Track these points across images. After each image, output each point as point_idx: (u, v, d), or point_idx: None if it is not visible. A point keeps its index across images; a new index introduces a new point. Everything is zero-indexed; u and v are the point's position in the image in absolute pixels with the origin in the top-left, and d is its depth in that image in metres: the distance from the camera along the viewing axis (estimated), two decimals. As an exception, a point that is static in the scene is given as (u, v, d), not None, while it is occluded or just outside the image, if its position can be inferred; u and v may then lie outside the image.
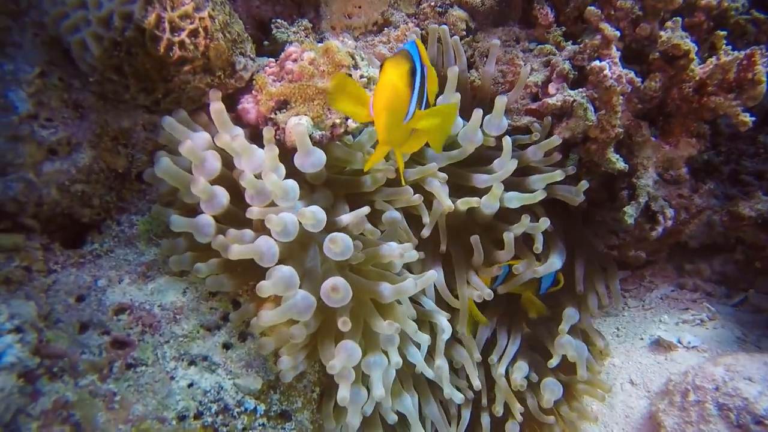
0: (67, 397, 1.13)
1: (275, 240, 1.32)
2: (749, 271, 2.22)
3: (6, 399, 0.99)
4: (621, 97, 1.71)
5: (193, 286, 1.44)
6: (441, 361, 1.58)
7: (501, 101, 1.70)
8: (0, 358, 0.98)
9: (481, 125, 1.69)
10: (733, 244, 2.27)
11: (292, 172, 1.49)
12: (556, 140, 1.74)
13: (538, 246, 1.75)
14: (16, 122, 1.28)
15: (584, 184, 1.77)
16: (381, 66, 1.04)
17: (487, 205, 1.67)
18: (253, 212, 1.36)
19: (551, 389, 1.74)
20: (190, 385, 1.32)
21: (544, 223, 1.73)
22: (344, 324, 1.31)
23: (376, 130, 1.09)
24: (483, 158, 1.81)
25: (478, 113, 1.63)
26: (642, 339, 2.06)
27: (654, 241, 2.21)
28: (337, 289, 1.28)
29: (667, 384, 1.73)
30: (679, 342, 1.94)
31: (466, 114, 1.73)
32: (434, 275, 1.48)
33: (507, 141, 1.69)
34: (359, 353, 1.34)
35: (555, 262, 1.80)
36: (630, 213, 1.86)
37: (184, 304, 1.40)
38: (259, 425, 1.36)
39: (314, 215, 1.33)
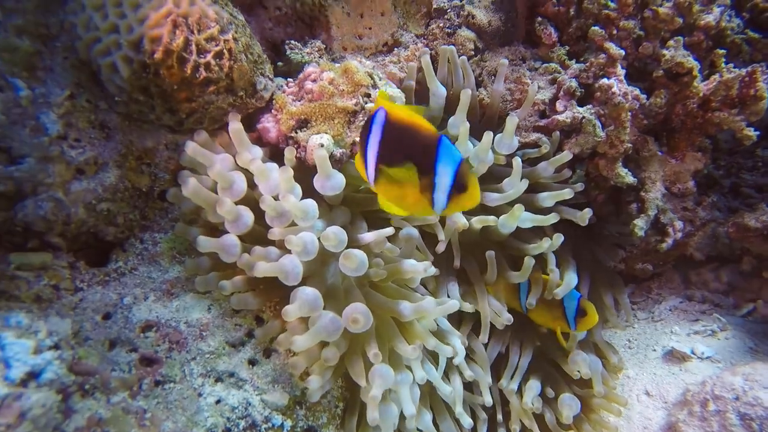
0: (100, 414, 1.13)
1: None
2: (755, 282, 2.25)
3: (47, 414, 0.99)
4: (629, 113, 1.77)
5: (217, 303, 1.45)
6: (456, 383, 1.60)
7: (512, 121, 1.72)
8: (41, 374, 0.99)
9: (492, 144, 1.73)
10: (738, 255, 2.31)
11: (311, 189, 1.52)
12: (566, 155, 1.79)
13: (552, 267, 1.78)
14: (46, 143, 1.31)
15: (588, 212, 1.79)
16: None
17: (505, 225, 1.70)
18: (275, 233, 1.38)
19: (569, 405, 1.75)
20: (218, 402, 1.32)
21: (558, 239, 1.75)
22: (375, 357, 1.32)
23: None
24: (493, 176, 1.85)
25: (488, 135, 1.65)
26: (655, 350, 2.08)
27: (661, 254, 2.26)
28: (357, 320, 1.30)
29: (685, 394, 1.74)
30: (693, 353, 1.96)
31: (476, 133, 1.77)
32: (456, 305, 1.48)
33: (517, 162, 1.71)
34: (392, 376, 1.35)
35: (572, 278, 1.82)
36: (640, 226, 1.90)
37: (210, 320, 1.41)
38: (286, 441, 1.36)
39: (336, 237, 1.35)
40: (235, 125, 1.43)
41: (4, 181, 1.25)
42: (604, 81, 1.78)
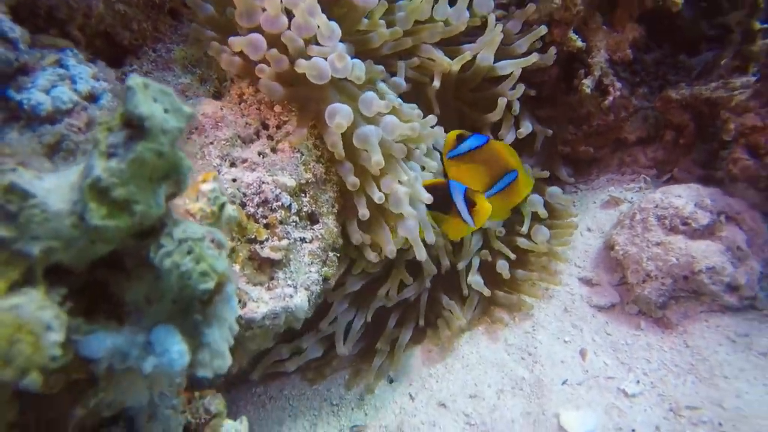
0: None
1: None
2: (675, 153, 2.67)
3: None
4: (582, -22, 2.05)
5: (228, 107, 1.61)
6: None
7: None
8: (99, 99, 1.12)
9: (470, 5, 1.96)
10: (662, 134, 2.72)
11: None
12: (531, 8, 2.05)
13: (516, 109, 2.06)
14: (70, -68, 1.39)
15: (554, 49, 2.09)
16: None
17: (484, 57, 1.94)
18: (313, 50, 1.50)
19: (543, 233, 2.06)
20: (234, 180, 1.49)
21: (520, 89, 2.03)
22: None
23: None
24: (466, 40, 2.09)
25: None
26: (595, 203, 2.44)
27: (601, 134, 2.63)
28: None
29: (618, 216, 2.10)
30: (625, 199, 2.33)
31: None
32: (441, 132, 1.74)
33: (491, 16, 1.98)
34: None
35: (528, 125, 2.12)
36: (587, 84, 2.22)
37: (223, 115, 1.57)
38: (293, 221, 1.56)
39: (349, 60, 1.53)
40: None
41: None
42: (561, -50, 2.06)
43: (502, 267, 2.00)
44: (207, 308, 0.66)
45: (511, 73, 2.01)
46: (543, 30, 2.05)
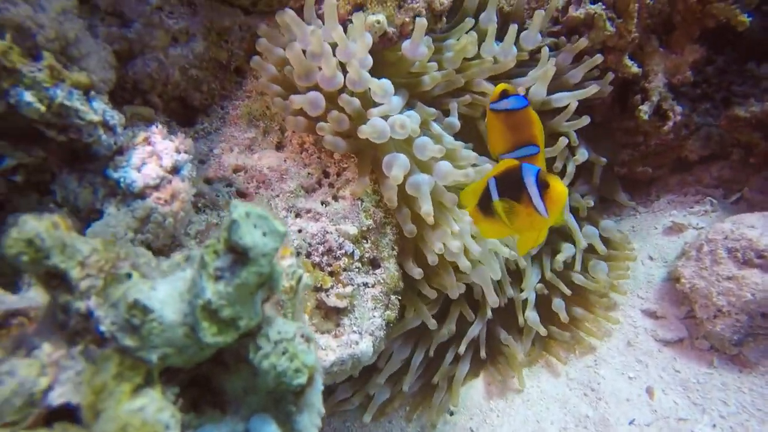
0: (214, 221, 1.38)
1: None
2: (744, 172, 2.55)
3: (188, 201, 1.23)
4: (636, 4, 2.02)
5: (291, 158, 1.70)
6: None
7: (539, 15, 1.96)
8: (180, 170, 1.23)
9: (516, 41, 1.97)
10: (728, 151, 2.61)
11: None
12: (582, 42, 2.03)
13: (575, 139, 2.04)
14: (149, 11, 1.52)
15: (610, 75, 2.06)
16: (540, 183, 1.38)
17: (537, 92, 1.94)
18: (372, 113, 1.58)
19: (602, 269, 2.02)
20: (300, 231, 1.58)
21: (583, 120, 2.01)
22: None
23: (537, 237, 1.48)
24: (517, 73, 2.09)
25: (513, 27, 1.89)
26: (656, 228, 2.37)
27: (660, 154, 2.55)
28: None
29: (683, 247, 2.03)
30: (689, 224, 2.25)
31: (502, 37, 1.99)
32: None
33: (545, 50, 1.96)
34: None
35: (584, 152, 2.10)
36: (645, 110, 2.17)
37: (287, 168, 1.65)
38: (356, 268, 1.62)
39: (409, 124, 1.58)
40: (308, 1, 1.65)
41: (119, 41, 1.47)
42: (613, -22, 2.03)
43: (559, 307, 1.98)
44: (299, 399, 0.72)
45: (568, 105, 1.99)
46: (599, 59, 2.02)
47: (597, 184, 2.27)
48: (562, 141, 1.93)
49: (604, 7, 2.12)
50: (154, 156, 1.19)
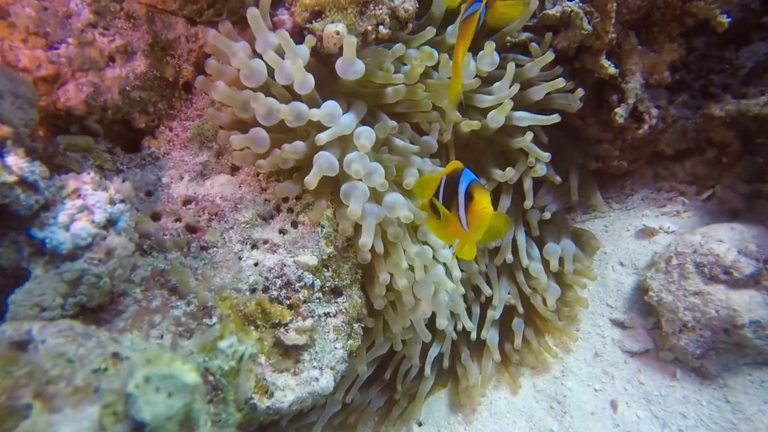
0: (161, 266, 1.30)
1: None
2: (717, 169, 2.51)
3: (127, 256, 1.15)
4: (615, 4, 1.90)
5: (247, 182, 1.60)
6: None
7: (490, 46, 1.78)
8: (117, 222, 1.14)
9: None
10: (703, 147, 2.56)
11: (325, 80, 1.64)
12: (549, 55, 1.90)
13: (532, 159, 1.96)
14: (79, 28, 1.38)
15: (580, 91, 1.97)
16: (467, 194, 1.20)
17: (494, 120, 1.84)
18: (321, 138, 1.46)
19: (553, 293, 1.98)
20: (256, 264, 1.51)
21: (555, 117, 1.91)
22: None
23: (466, 242, 1.30)
24: (488, 80, 1.97)
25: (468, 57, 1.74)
26: (628, 231, 2.34)
27: (636, 148, 2.49)
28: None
29: (653, 257, 2.02)
30: (660, 228, 2.23)
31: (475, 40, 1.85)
32: None
33: (510, 66, 1.83)
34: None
35: (542, 167, 2.02)
36: (620, 113, 2.09)
37: (242, 196, 1.57)
38: (316, 298, 1.57)
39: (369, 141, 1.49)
40: (253, 11, 1.51)
41: (45, 66, 1.34)
42: (591, -25, 1.90)
43: (517, 328, 1.98)
44: None
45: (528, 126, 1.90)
46: (560, 83, 1.91)
47: (576, 201, 2.23)
48: (521, 173, 1.91)
49: (581, 3, 2.00)
50: (85, 211, 1.10)
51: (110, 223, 1.14)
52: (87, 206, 1.11)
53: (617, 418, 1.81)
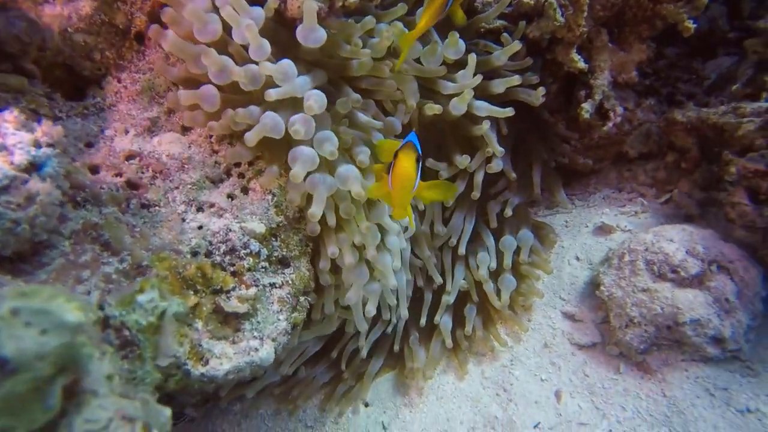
0: (94, 220, 1.22)
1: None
2: (676, 174, 2.55)
3: (52, 204, 1.07)
4: (588, -2, 1.90)
5: (197, 143, 1.53)
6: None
7: (454, 35, 1.77)
8: (42, 167, 1.05)
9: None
10: (665, 151, 2.60)
11: (286, 44, 1.57)
12: (516, 45, 1.89)
13: (490, 150, 1.94)
14: (19, -41, 1.28)
15: (542, 90, 1.96)
16: (395, 155, 1.23)
17: (456, 107, 1.82)
18: (270, 94, 1.40)
19: (508, 285, 1.99)
20: (200, 227, 1.43)
21: (508, 111, 1.90)
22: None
23: (393, 202, 1.32)
24: (456, 67, 1.93)
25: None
26: (587, 227, 2.36)
27: (602, 147, 2.51)
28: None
29: (608, 253, 2.03)
30: (618, 226, 2.25)
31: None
32: None
33: (472, 57, 1.80)
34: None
35: (499, 162, 2.01)
36: (586, 109, 2.09)
37: (191, 155, 1.49)
38: (262, 267, 1.51)
39: (318, 103, 1.43)
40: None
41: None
42: (567, -35, 1.89)
43: (469, 315, 1.97)
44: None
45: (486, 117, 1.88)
46: (516, 80, 1.89)
47: (538, 195, 2.23)
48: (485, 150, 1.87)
49: (556, -6, 1.98)
50: (3, 151, 1.01)
51: (33, 167, 1.05)
52: (5, 146, 1.02)
53: (560, 408, 1.82)
